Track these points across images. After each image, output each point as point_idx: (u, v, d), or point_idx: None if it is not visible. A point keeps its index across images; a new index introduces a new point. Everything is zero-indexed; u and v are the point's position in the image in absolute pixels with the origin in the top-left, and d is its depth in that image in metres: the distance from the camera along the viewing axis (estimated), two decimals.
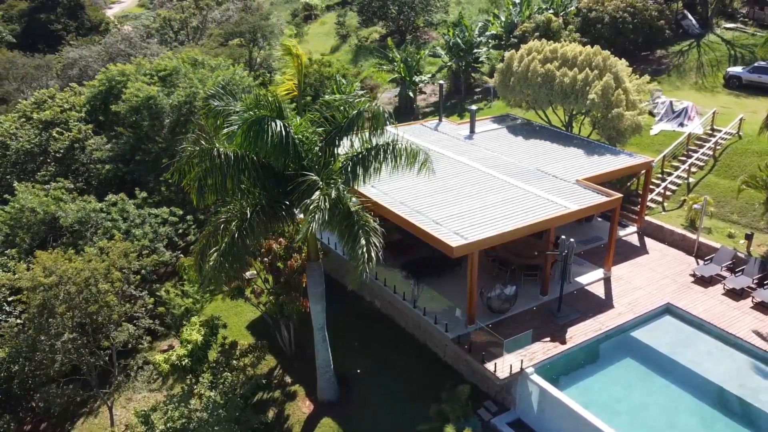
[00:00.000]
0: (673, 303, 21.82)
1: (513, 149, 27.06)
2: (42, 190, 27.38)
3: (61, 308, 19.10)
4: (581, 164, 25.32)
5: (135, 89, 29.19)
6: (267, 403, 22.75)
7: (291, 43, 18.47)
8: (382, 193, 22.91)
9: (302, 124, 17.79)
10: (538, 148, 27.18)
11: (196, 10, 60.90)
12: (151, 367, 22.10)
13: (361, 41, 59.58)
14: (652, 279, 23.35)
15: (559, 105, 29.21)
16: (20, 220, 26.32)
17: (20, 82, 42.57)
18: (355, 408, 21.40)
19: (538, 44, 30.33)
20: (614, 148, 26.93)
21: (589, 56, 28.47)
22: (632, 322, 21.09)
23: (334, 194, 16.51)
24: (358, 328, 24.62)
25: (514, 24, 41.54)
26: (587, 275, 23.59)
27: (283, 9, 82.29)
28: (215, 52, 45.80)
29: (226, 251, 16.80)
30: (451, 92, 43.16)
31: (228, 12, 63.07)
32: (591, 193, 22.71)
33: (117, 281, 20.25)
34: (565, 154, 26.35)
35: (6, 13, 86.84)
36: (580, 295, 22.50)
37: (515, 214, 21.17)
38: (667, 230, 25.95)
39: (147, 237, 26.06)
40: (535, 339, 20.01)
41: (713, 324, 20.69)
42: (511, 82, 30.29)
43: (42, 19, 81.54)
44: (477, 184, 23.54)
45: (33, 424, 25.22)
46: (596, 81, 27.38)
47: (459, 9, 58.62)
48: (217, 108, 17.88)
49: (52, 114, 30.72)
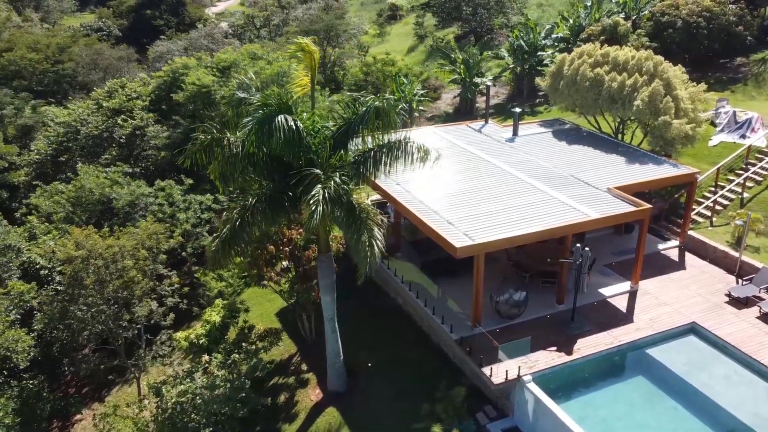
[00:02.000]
0: (699, 323, 20.66)
1: (552, 154, 26.43)
2: (102, 172, 29.45)
3: (89, 280, 20.59)
4: (618, 172, 24.40)
5: (194, 79, 30.79)
6: (281, 388, 23.47)
7: (303, 40, 18.90)
8: (404, 191, 23.07)
9: (310, 118, 18.29)
10: (578, 153, 26.41)
11: (279, 9, 62.99)
12: (175, 343, 23.33)
13: (436, 42, 59.63)
14: (682, 296, 22.18)
15: (606, 111, 28.21)
16: (80, 199, 28.45)
17: (104, 72, 45.76)
18: (361, 400, 21.67)
19: (590, 47, 29.40)
20: (658, 157, 25.74)
21: (639, 61, 27.32)
22: (649, 339, 20.16)
23: (333, 188, 16.85)
24: (377, 323, 24.86)
25: (582, 27, 40.34)
26: (611, 287, 22.75)
27: (372, 9, 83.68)
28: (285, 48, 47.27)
29: (227, 237, 17.58)
30: (513, 95, 42.48)
31: (310, 10, 64.86)
32: (619, 202, 21.89)
33: (142, 260, 21.56)
34: (604, 161, 25.47)
35: (116, 9, 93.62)
36: (599, 307, 21.74)
37: (533, 218, 20.76)
38: (709, 246, 24.54)
39: (189, 222, 27.48)
40: (540, 347, 19.57)
41: (738, 348, 19.44)
42: (560, 86, 29.56)
43: (147, 15, 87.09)
44: (503, 186, 23.22)
45: (77, 388, 27.32)
46: (644, 87, 26.25)
47: (539, 11, 57.60)
48: (235, 98, 18.74)
49: (119, 102, 32.93)
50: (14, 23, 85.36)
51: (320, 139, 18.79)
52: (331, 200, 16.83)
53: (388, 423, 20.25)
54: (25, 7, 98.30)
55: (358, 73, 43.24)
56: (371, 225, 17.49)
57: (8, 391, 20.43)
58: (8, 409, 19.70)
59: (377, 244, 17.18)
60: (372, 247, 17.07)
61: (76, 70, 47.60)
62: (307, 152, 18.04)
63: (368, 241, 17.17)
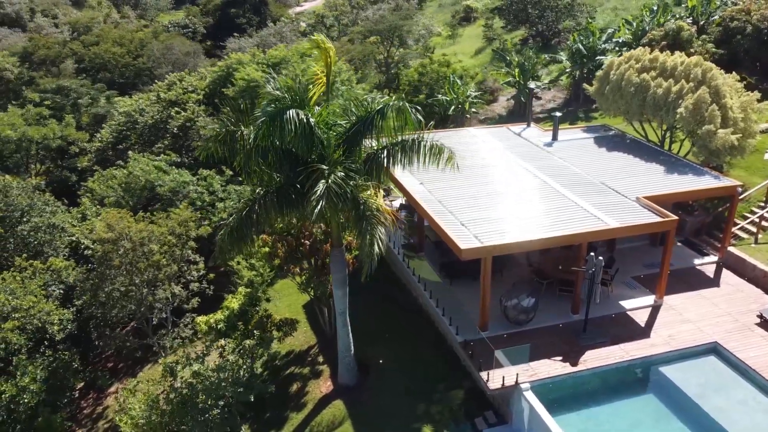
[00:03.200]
0: (721, 343, 19.56)
1: (587, 160, 25.67)
2: (152, 160, 30.96)
3: (117, 261, 21.74)
4: (652, 181, 23.42)
5: (243, 74, 31.86)
6: (295, 377, 23.98)
7: (320, 37, 19.19)
8: (425, 190, 23.05)
9: (322, 113, 18.57)
10: (615, 161, 25.52)
11: (349, 8, 63.94)
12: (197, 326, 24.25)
13: (502, 45, 58.91)
14: (708, 314, 21.05)
15: (651, 118, 27.09)
16: (129, 185, 30.03)
17: (173, 66, 47.97)
18: (369, 396, 21.81)
19: (639, 52, 28.30)
20: (700, 167, 24.48)
21: (688, 67, 26.07)
22: (664, 356, 19.26)
23: (333, 184, 17.08)
24: (396, 320, 24.90)
25: (645, 31, 38.80)
26: (633, 300, 21.86)
27: (449, 11, 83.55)
28: (346, 48, 48.08)
29: (234, 227, 18.14)
30: (569, 100, 41.39)
31: (380, 11, 65.49)
32: (646, 213, 21.01)
33: (168, 245, 22.55)
34: (640, 170, 24.51)
35: (204, 8, 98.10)
36: (617, 319, 20.95)
37: (550, 224, 20.26)
38: (749, 264, 23.14)
39: (226, 210, 28.46)
40: (546, 356, 19.10)
41: (759, 372, 18.27)
42: (606, 91, 28.62)
43: (231, 13, 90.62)
44: (528, 191, 22.77)
45: (114, 364, 28.86)
46: (690, 94, 25.03)
47: (612, 15, 55.79)
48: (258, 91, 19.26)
49: (175, 95, 34.46)
50: (113, 19, 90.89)
51: (333, 136, 19.13)
52: (335, 195, 17.10)
53: (389, 420, 20.30)
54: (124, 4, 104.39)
55: (413, 74, 43.34)
56: (374, 223, 17.60)
57: (40, 359, 21.84)
58: (35, 376, 21.08)
59: (378, 242, 17.27)
60: (373, 245, 17.18)
61: (146, 64, 50.15)
62: (318, 148, 18.36)
63: (370, 240, 17.30)
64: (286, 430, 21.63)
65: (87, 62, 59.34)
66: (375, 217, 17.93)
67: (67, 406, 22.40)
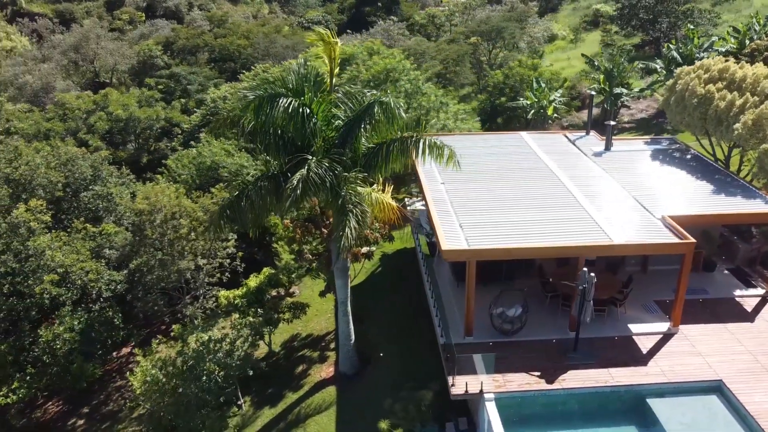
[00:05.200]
0: (727, 382, 17.72)
1: (631, 173, 24.13)
2: (223, 144, 33.11)
3: (149, 231, 23.72)
4: (690, 201, 21.63)
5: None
6: (304, 360, 24.86)
7: (324, 31, 19.69)
8: (442, 190, 22.87)
9: (317, 104, 19.07)
10: (661, 176, 23.79)
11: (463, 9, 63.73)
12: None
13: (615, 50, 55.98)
14: (726, 350, 19.10)
15: (712, 133, 24.86)
16: (199, 165, 32.39)
17: (273, 58, 50.60)
18: (361, 386, 22.17)
19: (709, 62, 26.01)
20: (755, 190, 22.17)
21: (758, 79, 23.62)
22: (656, 388, 17.77)
23: (313, 174, 17.62)
24: (411, 319, 24.93)
25: (752, 40, 35.31)
26: (644, 324, 20.32)
27: (579, 16, 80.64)
28: (441, 48, 48.16)
29: (225, 206, 19.22)
30: (661, 111, 38.56)
31: (494, 12, 64.66)
32: (663, 233, 19.48)
33: (198, 220, 24.18)
34: (683, 188, 22.71)
35: (341, 5, 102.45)
36: (618, 343, 19.60)
37: (551, 234, 19.40)
38: None
39: None
40: (523, 369, 18.35)
41: (756, 419, 16.38)
42: (671, 102, 26.63)
43: (365, 11, 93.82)
44: (546, 199, 21.85)
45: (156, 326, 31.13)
46: (752, 109, 22.70)
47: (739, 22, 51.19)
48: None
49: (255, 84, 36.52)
50: (262, 14, 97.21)
51: (332, 128, 19.66)
52: (313, 185, 17.68)
53: (365, 413, 20.48)
54: (274, 1, 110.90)
55: (498, 76, 42.54)
56: (350, 216, 17.87)
57: (81, 313, 24.33)
58: (72, 326, 23.54)
59: (350, 233, 17.54)
60: (345, 235, 17.47)
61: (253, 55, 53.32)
62: (309, 138, 18.97)
63: (342, 230, 17.62)
64: (279, 407, 22.54)
65: (217, 53, 64.10)
66: (358, 209, 18.21)
67: (101, 358, 24.70)
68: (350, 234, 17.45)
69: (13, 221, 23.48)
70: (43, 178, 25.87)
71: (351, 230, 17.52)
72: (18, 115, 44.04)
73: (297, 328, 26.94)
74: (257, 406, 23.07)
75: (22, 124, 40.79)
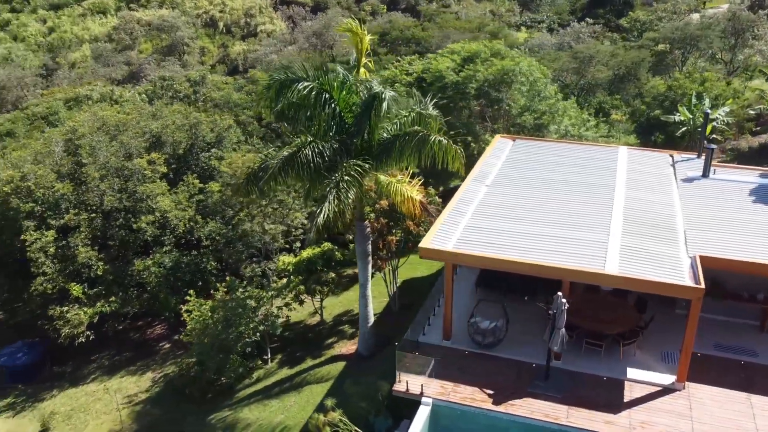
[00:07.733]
0: None
1: (707, 204, 21.18)
2: None
3: (229, 192, 26.89)
4: (743, 243, 18.48)
5: (435, 65, 33.74)
6: (338, 333, 26.18)
7: (353, 23, 20.27)
8: (479, 193, 22.28)
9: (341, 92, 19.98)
10: (744, 213, 20.49)
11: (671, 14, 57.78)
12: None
13: None
14: (728, 422, 16.16)
15: None
16: None
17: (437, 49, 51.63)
18: (366, 368, 22.80)
19: None
20: None
21: None
22: None
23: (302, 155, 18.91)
24: None
25: None
26: (646, 372, 17.93)
27: None
28: (613, 51, 44.85)
29: (248, 178, 21.15)
30: None
31: (704, 18, 57.61)
32: (675, 272, 17.06)
33: None
34: (749, 228, 19.43)
35: (572, 6, 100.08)
36: (606, 384, 17.61)
37: (546, 251, 18.11)
38: None
39: None
40: (481, 384, 17.59)
41: None
42: None
43: (597, 12, 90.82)
44: (577, 217, 20.15)
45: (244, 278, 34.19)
46: None
47: None
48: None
49: (393, 74, 37.99)
50: (499, 12, 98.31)
51: (351, 115, 20.56)
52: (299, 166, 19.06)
53: (351, 391, 21.08)
54: None
55: (661, 86, 38.53)
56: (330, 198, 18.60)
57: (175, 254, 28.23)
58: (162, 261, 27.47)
59: (322, 215, 18.29)
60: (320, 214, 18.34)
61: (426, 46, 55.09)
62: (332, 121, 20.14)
63: (320, 212, 18.47)
64: (294, 370, 24.19)
65: (421, 45, 67.32)
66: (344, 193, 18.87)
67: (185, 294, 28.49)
68: (321, 217, 18.20)
69: (132, 168, 28.17)
70: (168, 136, 30.41)
71: (322, 215, 18.24)
72: (220, 85, 51.15)
73: (353, 304, 28.19)
74: (281, 365, 24.97)
75: (215, 94, 47.28)
